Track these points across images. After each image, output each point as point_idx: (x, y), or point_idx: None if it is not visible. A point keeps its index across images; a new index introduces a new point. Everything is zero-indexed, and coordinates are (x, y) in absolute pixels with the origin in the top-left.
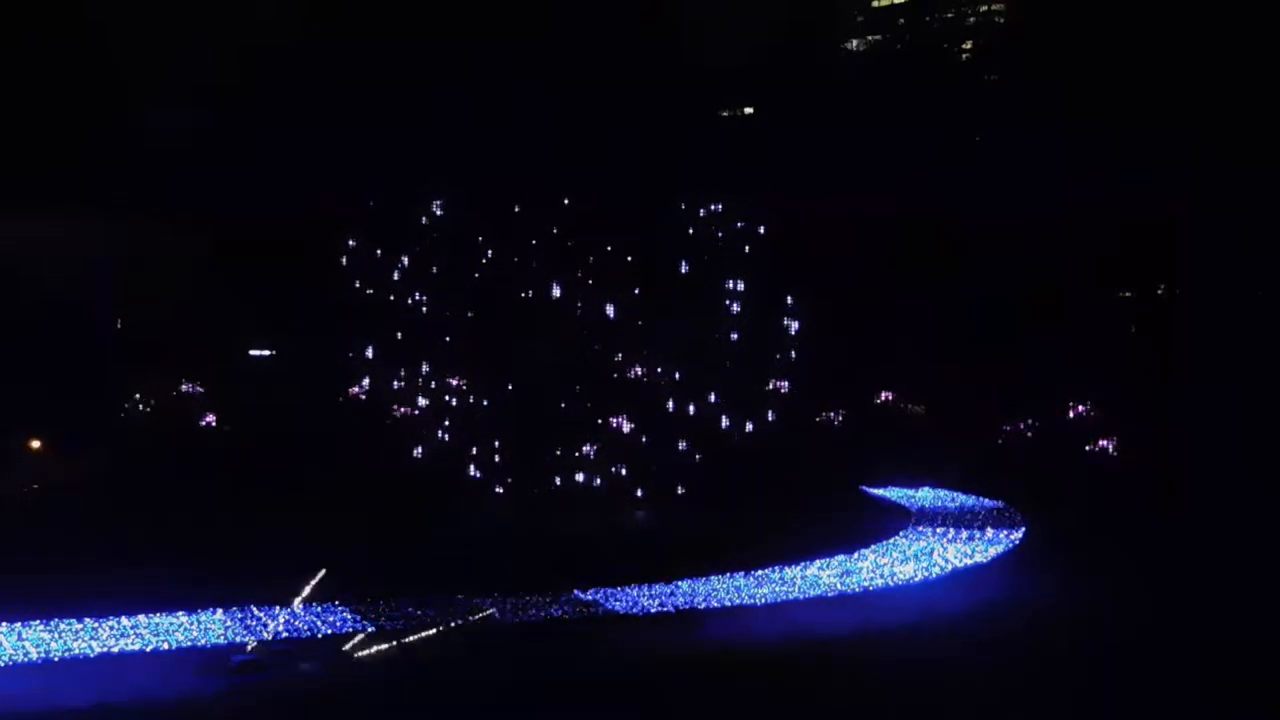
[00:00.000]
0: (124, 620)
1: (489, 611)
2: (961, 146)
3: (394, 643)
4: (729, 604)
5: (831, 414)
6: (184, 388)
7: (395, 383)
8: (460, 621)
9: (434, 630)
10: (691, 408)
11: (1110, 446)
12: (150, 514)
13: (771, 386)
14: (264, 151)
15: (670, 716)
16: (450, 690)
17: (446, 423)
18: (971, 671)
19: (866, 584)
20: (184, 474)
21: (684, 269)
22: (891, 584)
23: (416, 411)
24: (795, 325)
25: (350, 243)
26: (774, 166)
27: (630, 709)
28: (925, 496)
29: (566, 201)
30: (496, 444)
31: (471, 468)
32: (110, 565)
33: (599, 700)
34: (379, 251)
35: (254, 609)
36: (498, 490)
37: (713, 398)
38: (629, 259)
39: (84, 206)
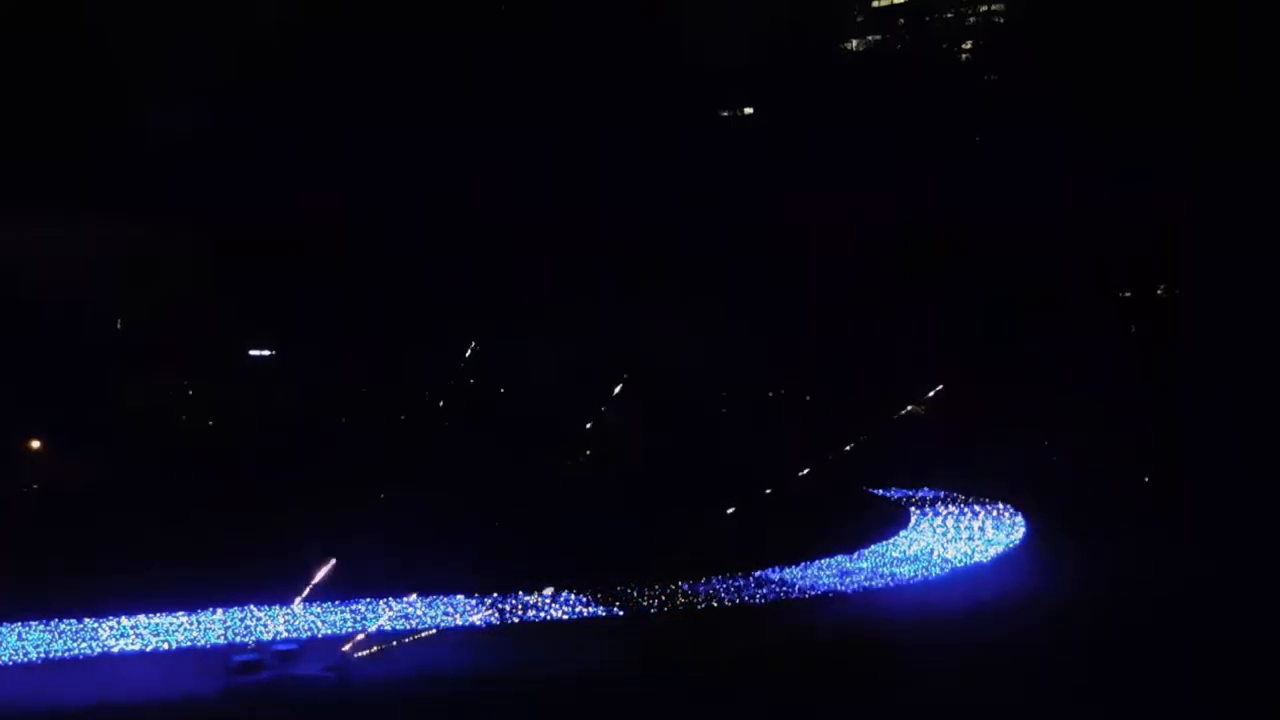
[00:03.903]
0: (124, 620)
1: (488, 611)
2: (961, 146)
3: (394, 643)
4: (728, 604)
5: (832, 414)
6: (183, 388)
7: (394, 383)
8: (461, 621)
9: (434, 630)
10: (691, 408)
11: (1111, 447)
12: (149, 514)
13: (772, 387)
14: (264, 151)
15: (669, 718)
16: (451, 690)
17: (445, 423)
18: (971, 671)
19: (866, 584)
20: (183, 473)
21: (683, 270)
22: (891, 584)
23: (415, 412)
24: (795, 326)
25: (350, 244)
26: (773, 166)
27: (629, 711)
28: (925, 497)
29: (566, 202)
30: (496, 445)
31: (470, 468)
32: (110, 565)
33: (599, 703)
34: (377, 252)
35: (254, 609)
36: (495, 491)
37: (712, 398)
38: (628, 260)
39: (84, 206)
